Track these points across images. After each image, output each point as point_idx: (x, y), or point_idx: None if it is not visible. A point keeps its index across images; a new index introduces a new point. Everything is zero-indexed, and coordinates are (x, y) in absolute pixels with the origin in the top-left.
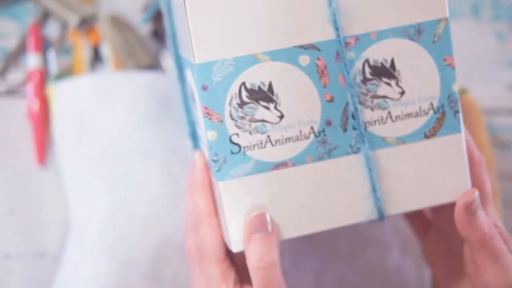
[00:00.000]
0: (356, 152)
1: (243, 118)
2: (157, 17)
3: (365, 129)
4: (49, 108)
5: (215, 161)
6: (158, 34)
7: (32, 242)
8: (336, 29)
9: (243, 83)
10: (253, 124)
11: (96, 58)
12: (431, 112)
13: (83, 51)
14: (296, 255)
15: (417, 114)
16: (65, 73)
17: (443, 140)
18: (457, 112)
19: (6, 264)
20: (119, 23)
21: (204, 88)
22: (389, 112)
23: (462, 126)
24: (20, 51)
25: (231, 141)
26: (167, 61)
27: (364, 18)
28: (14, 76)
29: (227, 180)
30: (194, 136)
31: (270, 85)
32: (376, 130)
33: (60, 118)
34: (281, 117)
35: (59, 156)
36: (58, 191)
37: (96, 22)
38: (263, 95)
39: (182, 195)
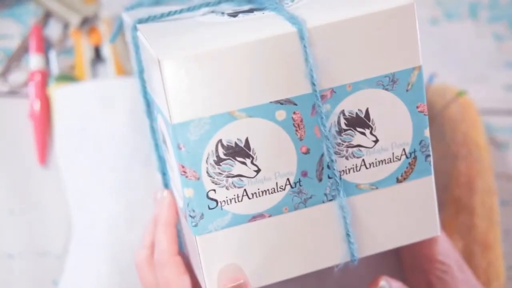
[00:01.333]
0: (330, 200)
1: (220, 174)
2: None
3: (340, 178)
4: (50, 108)
5: (192, 217)
6: None
7: (34, 242)
8: (313, 84)
9: (220, 140)
10: (230, 180)
11: (98, 58)
12: (403, 157)
13: (84, 51)
14: None
15: (390, 160)
16: (67, 73)
17: (414, 183)
18: (428, 156)
19: (8, 263)
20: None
21: (181, 147)
22: (363, 160)
23: (432, 169)
24: (21, 52)
25: (208, 197)
26: None
27: (339, 71)
28: (16, 77)
29: (204, 235)
30: (164, 172)
31: (246, 141)
32: (350, 177)
33: (61, 124)
34: (258, 171)
35: (60, 161)
36: (60, 190)
37: (97, 22)
38: (240, 151)
39: None
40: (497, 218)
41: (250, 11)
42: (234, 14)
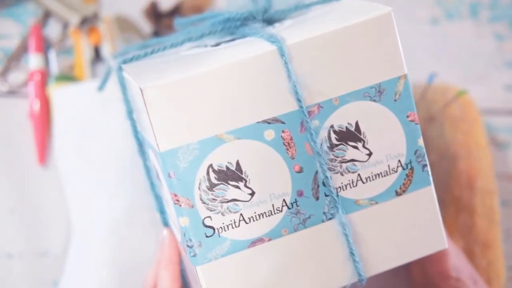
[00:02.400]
0: (330, 219)
1: (214, 200)
2: (158, 17)
3: (337, 195)
4: (50, 108)
5: (190, 247)
6: (159, 35)
7: (33, 242)
8: (298, 100)
9: (210, 165)
10: (225, 205)
11: (98, 58)
12: (400, 169)
13: (84, 51)
14: None
15: (386, 173)
16: (66, 73)
17: (414, 195)
18: (425, 166)
19: (7, 263)
20: (122, 24)
21: (171, 175)
22: (358, 175)
23: (431, 179)
24: (21, 52)
25: (204, 225)
26: None
27: (324, 86)
28: (16, 76)
29: (204, 264)
30: (162, 210)
31: (237, 164)
32: (348, 194)
33: (60, 124)
34: (252, 194)
35: (60, 162)
36: (59, 190)
37: (97, 22)
38: (232, 174)
39: None
40: (497, 218)
41: (232, 40)
42: (216, 45)
